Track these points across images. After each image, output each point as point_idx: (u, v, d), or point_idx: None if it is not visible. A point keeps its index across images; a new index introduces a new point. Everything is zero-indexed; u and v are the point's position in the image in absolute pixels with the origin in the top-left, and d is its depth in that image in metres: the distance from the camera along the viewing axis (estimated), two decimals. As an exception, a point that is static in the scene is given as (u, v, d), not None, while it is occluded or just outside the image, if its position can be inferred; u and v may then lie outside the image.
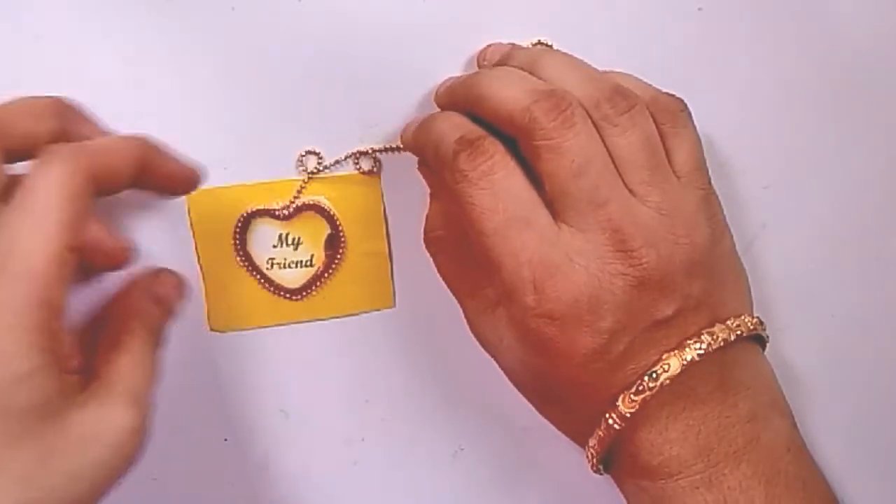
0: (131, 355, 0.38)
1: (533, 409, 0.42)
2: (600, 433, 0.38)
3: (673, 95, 0.41)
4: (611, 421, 0.38)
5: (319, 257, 0.45)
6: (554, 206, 0.38)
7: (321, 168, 0.44)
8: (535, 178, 0.38)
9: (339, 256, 0.45)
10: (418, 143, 0.42)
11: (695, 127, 0.40)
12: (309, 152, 0.44)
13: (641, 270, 0.36)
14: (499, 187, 0.37)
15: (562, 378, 0.38)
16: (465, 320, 0.42)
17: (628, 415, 0.37)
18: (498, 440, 0.46)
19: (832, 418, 0.45)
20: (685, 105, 0.40)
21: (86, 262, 0.40)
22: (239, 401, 0.46)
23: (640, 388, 0.37)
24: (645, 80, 0.43)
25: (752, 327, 0.39)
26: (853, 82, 0.44)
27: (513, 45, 0.43)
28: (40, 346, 0.33)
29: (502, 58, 0.42)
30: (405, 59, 0.44)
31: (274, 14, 0.43)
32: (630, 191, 0.38)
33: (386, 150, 0.44)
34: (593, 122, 0.38)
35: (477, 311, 0.41)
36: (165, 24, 0.43)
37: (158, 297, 0.41)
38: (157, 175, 0.39)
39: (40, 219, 0.33)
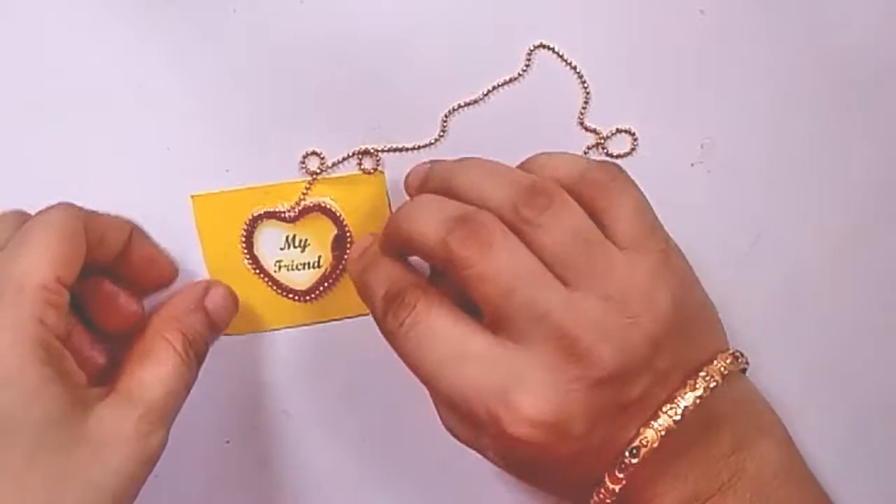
0: (159, 367, 0.39)
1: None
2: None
3: (604, 163, 0.39)
4: (601, 495, 0.37)
5: (327, 258, 0.45)
6: (495, 327, 0.37)
7: (323, 168, 0.44)
8: None
9: (346, 256, 0.44)
10: (359, 294, 0.41)
11: (635, 187, 0.39)
12: (311, 153, 0.44)
13: (599, 370, 0.35)
14: (425, 335, 0.37)
15: (544, 477, 0.38)
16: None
17: (617, 490, 0.37)
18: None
19: (832, 419, 0.45)
20: (618, 169, 0.39)
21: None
22: (241, 402, 0.46)
23: (624, 465, 0.36)
24: (646, 83, 0.43)
25: (725, 371, 0.38)
26: (853, 83, 0.44)
27: (431, 163, 0.42)
28: (43, 359, 0.35)
29: (422, 181, 0.41)
30: (406, 61, 0.44)
31: (275, 16, 0.43)
32: (571, 287, 0.36)
33: (388, 150, 0.44)
34: (516, 229, 0.37)
35: (450, 419, 0.41)
36: (167, 26, 0.43)
37: (206, 309, 0.42)
38: (140, 257, 0.42)
39: (34, 251, 0.37)
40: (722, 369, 0.38)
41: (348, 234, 0.44)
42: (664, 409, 0.36)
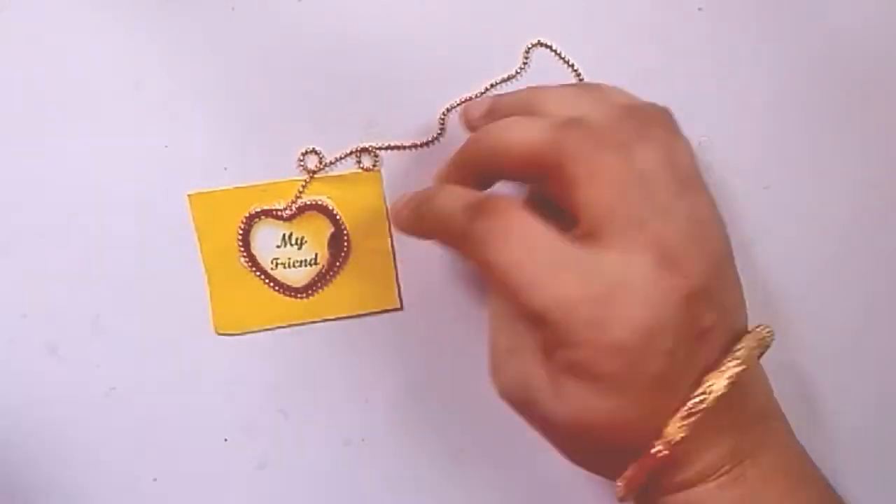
0: None
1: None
2: (642, 462, 0.36)
3: (654, 104, 0.39)
4: (657, 448, 0.36)
5: (324, 256, 0.45)
6: (594, 234, 0.36)
7: (322, 167, 0.44)
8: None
9: (343, 254, 0.45)
10: (424, 227, 0.40)
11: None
12: (309, 151, 0.44)
13: (692, 280, 0.35)
14: (521, 241, 0.35)
15: (612, 417, 0.36)
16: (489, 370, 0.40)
17: (678, 439, 0.36)
18: (498, 441, 0.46)
19: (833, 419, 0.45)
20: (670, 112, 0.39)
21: None
22: (238, 400, 0.46)
23: (692, 411, 0.35)
24: (645, 81, 0.43)
25: (770, 337, 0.38)
26: (853, 82, 0.44)
27: (493, 98, 0.41)
28: None
29: (488, 110, 0.41)
30: (404, 58, 0.44)
31: (274, 14, 0.43)
32: (662, 204, 0.36)
33: (386, 148, 0.44)
34: (615, 145, 0.36)
35: (509, 359, 0.39)
36: (165, 24, 0.43)
37: None
38: None
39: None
40: (769, 335, 0.38)
41: (345, 233, 0.44)
42: (727, 359, 0.36)
